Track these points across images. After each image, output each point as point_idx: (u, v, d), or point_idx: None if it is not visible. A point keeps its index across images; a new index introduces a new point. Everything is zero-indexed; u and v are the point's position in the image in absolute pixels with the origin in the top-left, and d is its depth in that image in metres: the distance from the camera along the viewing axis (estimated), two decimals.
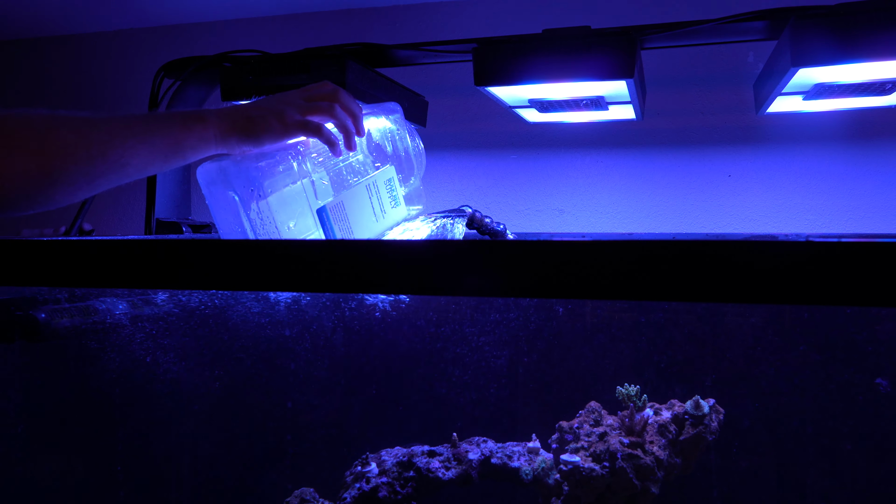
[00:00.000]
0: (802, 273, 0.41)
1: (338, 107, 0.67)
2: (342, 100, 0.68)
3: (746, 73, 1.35)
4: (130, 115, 0.60)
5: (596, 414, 1.28)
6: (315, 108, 0.66)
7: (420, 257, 0.48)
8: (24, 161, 0.54)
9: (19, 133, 0.54)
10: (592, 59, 0.90)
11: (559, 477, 1.23)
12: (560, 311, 1.38)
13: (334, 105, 0.67)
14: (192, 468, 1.58)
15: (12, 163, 0.53)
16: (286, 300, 1.48)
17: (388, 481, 1.30)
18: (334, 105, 0.67)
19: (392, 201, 0.79)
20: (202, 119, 0.62)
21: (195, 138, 0.61)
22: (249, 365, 1.53)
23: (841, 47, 0.81)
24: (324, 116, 0.67)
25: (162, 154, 0.60)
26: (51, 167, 0.55)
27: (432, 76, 1.52)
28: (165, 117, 0.62)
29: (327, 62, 1.03)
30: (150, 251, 0.53)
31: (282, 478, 1.51)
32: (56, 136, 0.55)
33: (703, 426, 1.21)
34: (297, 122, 0.64)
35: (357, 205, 0.75)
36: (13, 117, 0.55)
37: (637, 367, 1.33)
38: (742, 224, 1.40)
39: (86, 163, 0.56)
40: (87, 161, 0.56)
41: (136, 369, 1.60)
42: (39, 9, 1.65)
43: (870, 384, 1.22)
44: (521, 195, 1.52)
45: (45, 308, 0.96)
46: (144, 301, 1.18)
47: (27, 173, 0.54)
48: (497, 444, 1.33)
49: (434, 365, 1.44)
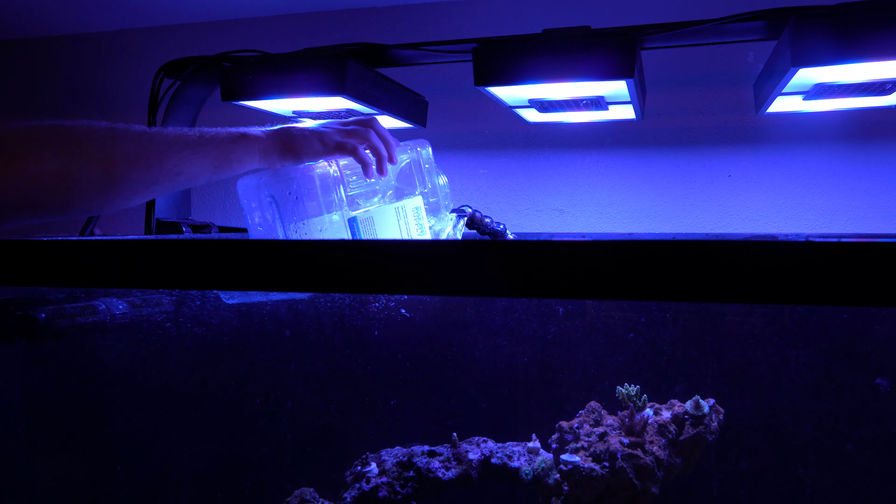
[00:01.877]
0: (802, 273, 0.41)
1: (373, 133, 0.73)
2: (377, 127, 0.75)
3: (746, 73, 1.35)
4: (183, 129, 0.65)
5: (596, 414, 1.28)
6: (353, 133, 0.73)
7: (420, 257, 0.48)
8: (90, 167, 0.58)
9: (86, 141, 0.58)
10: (592, 59, 0.90)
11: (559, 477, 1.23)
12: (560, 311, 1.38)
13: (370, 131, 0.74)
14: (191, 468, 1.58)
15: (80, 168, 0.57)
16: (286, 300, 1.48)
17: (388, 481, 1.30)
18: (370, 131, 0.74)
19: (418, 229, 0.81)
20: (249, 136, 0.68)
21: (241, 152, 0.67)
22: (249, 365, 1.53)
23: (841, 47, 0.81)
24: (360, 140, 0.73)
25: (212, 166, 0.65)
26: (114, 173, 0.59)
27: (432, 76, 1.52)
28: (216, 133, 0.67)
29: (327, 62, 1.03)
30: (149, 251, 0.53)
31: (282, 478, 1.51)
32: (119, 145, 0.60)
33: (703, 426, 1.21)
34: (336, 143, 0.71)
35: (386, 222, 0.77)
36: (80, 127, 0.59)
37: (637, 367, 1.33)
38: (742, 224, 1.40)
39: (144, 171, 0.61)
40: (146, 169, 0.61)
41: (136, 369, 1.59)
42: (39, 9, 1.65)
43: (870, 384, 1.22)
44: (521, 195, 1.52)
45: (45, 308, 0.96)
46: (144, 301, 1.18)
47: (92, 178, 0.58)
48: (497, 444, 1.33)
49: (434, 364, 1.44)
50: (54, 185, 0.57)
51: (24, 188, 0.56)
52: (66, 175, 0.57)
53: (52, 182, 0.56)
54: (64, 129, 0.58)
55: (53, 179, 0.56)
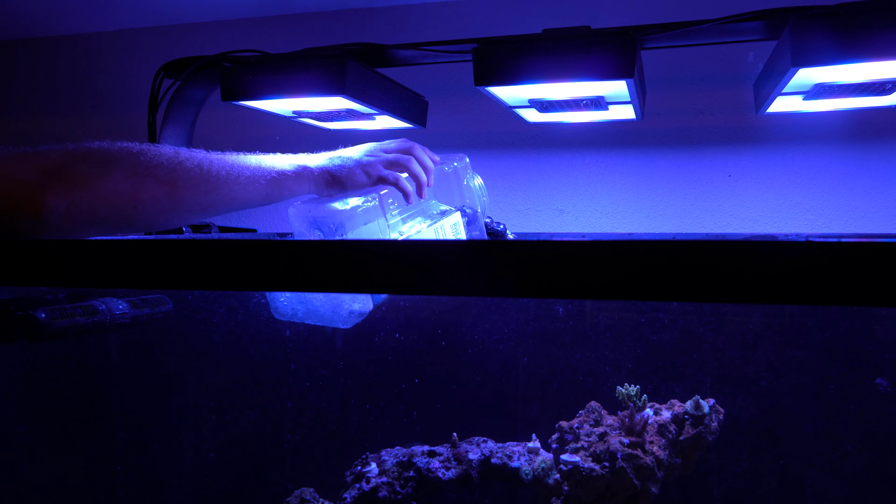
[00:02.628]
0: (802, 273, 0.41)
1: (414, 161, 0.79)
2: (417, 154, 0.81)
3: (746, 73, 1.35)
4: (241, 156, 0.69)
5: (596, 414, 1.28)
6: (395, 163, 0.78)
7: (420, 257, 0.48)
8: (155, 189, 0.62)
9: (153, 165, 0.62)
10: (592, 59, 0.90)
11: (559, 477, 1.23)
12: (560, 311, 1.38)
13: (411, 159, 0.79)
14: (192, 468, 1.58)
15: (146, 190, 0.62)
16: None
17: (388, 481, 1.30)
18: (411, 159, 0.79)
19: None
20: (303, 167, 0.72)
21: (293, 181, 0.71)
22: (249, 365, 1.53)
23: (841, 47, 0.81)
24: (401, 170, 0.78)
25: (264, 193, 0.69)
26: (176, 196, 0.63)
27: (432, 76, 1.52)
28: (272, 161, 0.71)
29: (327, 62, 1.03)
30: (149, 251, 0.53)
31: (282, 478, 1.51)
32: (182, 169, 0.64)
33: (703, 426, 1.21)
34: (379, 176, 0.76)
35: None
36: (147, 151, 0.63)
37: (637, 367, 1.33)
38: (742, 224, 1.40)
39: (203, 195, 0.65)
40: (205, 194, 0.65)
41: (136, 369, 1.60)
42: (39, 9, 1.65)
43: (870, 384, 1.22)
44: (521, 195, 1.52)
45: (45, 308, 0.96)
46: (144, 300, 1.18)
47: (156, 200, 0.62)
48: (497, 444, 1.33)
49: (434, 364, 1.44)
50: (123, 205, 0.61)
51: (98, 206, 0.59)
52: (134, 196, 0.61)
53: (121, 201, 0.60)
54: (133, 152, 0.62)
55: (123, 199, 0.61)
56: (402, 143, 0.82)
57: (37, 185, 0.57)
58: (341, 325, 0.85)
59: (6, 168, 0.58)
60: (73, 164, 0.59)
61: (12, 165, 0.58)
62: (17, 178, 0.57)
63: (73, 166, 0.59)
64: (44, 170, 0.58)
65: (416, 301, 1.43)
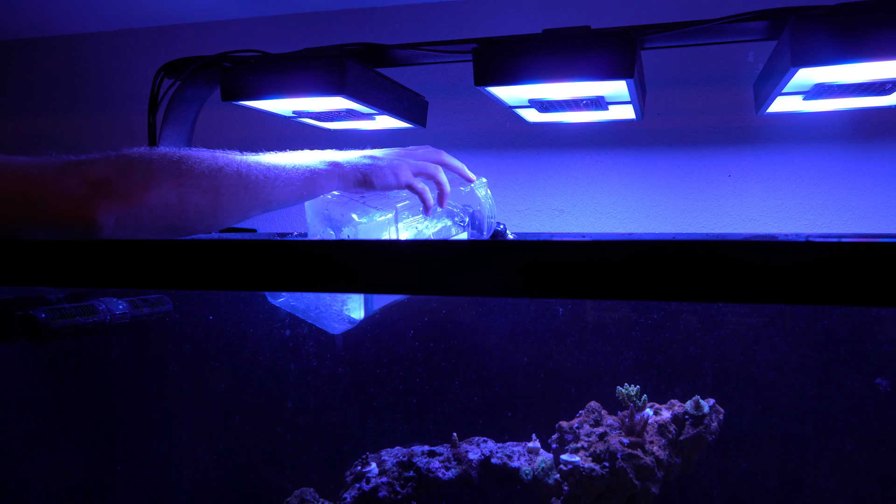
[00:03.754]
0: (802, 273, 0.41)
1: (441, 171, 0.82)
2: (445, 161, 0.84)
3: (746, 73, 1.35)
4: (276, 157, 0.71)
5: (596, 414, 1.28)
6: (425, 169, 0.80)
7: (420, 257, 0.48)
8: (197, 198, 0.64)
9: (195, 174, 0.64)
10: (592, 59, 0.90)
11: (559, 477, 1.23)
12: (560, 311, 1.38)
13: (439, 168, 0.82)
14: (192, 468, 1.58)
15: (189, 199, 0.63)
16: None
17: (388, 481, 1.30)
18: (439, 168, 0.82)
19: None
20: (335, 165, 0.74)
21: (325, 179, 0.73)
22: (249, 365, 1.53)
23: (841, 47, 0.81)
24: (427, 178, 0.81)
25: (298, 192, 0.71)
26: (218, 204, 0.65)
27: (432, 76, 1.52)
28: (305, 160, 0.73)
29: (327, 62, 1.03)
30: (149, 251, 0.53)
31: (282, 478, 1.51)
32: (223, 176, 0.65)
33: (703, 426, 1.21)
34: (407, 183, 0.78)
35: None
36: (188, 158, 0.64)
37: (637, 367, 1.33)
38: (742, 224, 1.40)
39: (243, 201, 0.67)
40: (245, 199, 0.67)
41: (136, 369, 1.59)
42: (39, 9, 1.65)
43: (870, 384, 1.22)
44: (521, 195, 1.52)
45: (45, 308, 0.96)
46: (144, 300, 1.18)
47: (199, 207, 0.64)
48: (497, 444, 1.33)
49: (434, 364, 1.44)
50: (168, 216, 0.62)
51: (144, 218, 0.61)
52: (178, 207, 0.62)
53: (166, 213, 0.62)
54: (174, 161, 0.63)
55: (168, 210, 0.62)
56: (430, 151, 0.84)
57: (85, 200, 0.58)
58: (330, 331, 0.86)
59: (56, 183, 0.59)
60: (119, 178, 0.60)
61: (61, 179, 0.59)
62: (67, 193, 0.58)
63: (119, 180, 0.60)
64: (91, 183, 0.59)
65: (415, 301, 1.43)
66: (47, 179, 0.59)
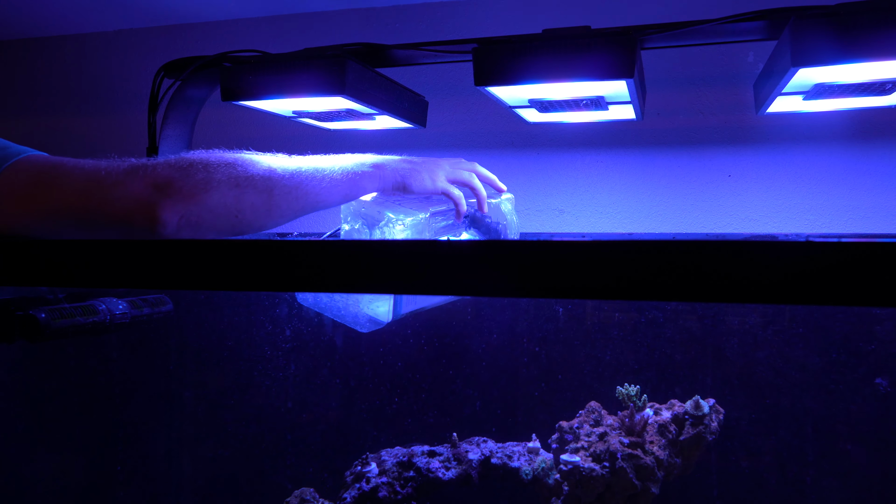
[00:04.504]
0: (802, 273, 0.41)
1: (476, 178, 0.86)
2: (479, 171, 0.88)
3: (746, 73, 1.35)
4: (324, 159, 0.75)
5: (596, 414, 1.28)
6: (460, 176, 0.85)
7: (420, 257, 0.48)
8: (253, 199, 0.67)
9: (250, 175, 0.67)
10: (592, 59, 0.90)
11: (559, 477, 1.23)
12: (560, 311, 1.38)
13: (473, 176, 0.86)
14: (192, 468, 1.58)
15: (245, 200, 0.66)
16: (287, 299, 1.48)
17: (388, 481, 1.30)
18: (473, 176, 0.86)
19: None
20: (377, 167, 0.78)
21: (368, 181, 0.77)
22: (249, 365, 1.53)
23: (841, 47, 0.81)
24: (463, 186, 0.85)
25: (343, 193, 0.75)
26: (272, 204, 0.68)
27: (432, 76, 1.52)
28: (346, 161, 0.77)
29: (327, 62, 1.03)
30: (149, 251, 0.53)
31: (282, 478, 1.51)
32: (276, 177, 0.68)
33: (703, 426, 1.21)
34: (443, 188, 0.83)
35: None
36: (242, 161, 0.68)
37: (637, 367, 1.33)
38: (742, 224, 1.40)
39: (295, 201, 0.70)
40: (296, 199, 0.70)
41: (136, 369, 1.59)
42: (39, 9, 1.65)
43: (870, 384, 1.22)
44: (521, 195, 1.52)
45: (45, 308, 0.96)
46: (144, 300, 1.18)
47: (254, 207, 0.67)
48: (497, 444, 1.33)
49: (434, 365, 1.44)
50: (226, 215, 0.65)
51: (205, 217, 0.64)
52: (236, 206, 0.66)
53: (224, 212, 0.65)
54: (230, 163, 0.67)
55: (226, 210, 0.65)
56: (464, 162, 0.89)
57: (151, 201, 0.61)
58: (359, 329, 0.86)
59: (123, 186, 0.62)
60: (181, 179, 0.63)
61: (128, 181, 0.62)
62: (134, 194, 0.62)
63: (181, 181, 0.63)
64: (156, 186, 0.62)
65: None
66: (115, 182, 0.62)
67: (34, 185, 0.62)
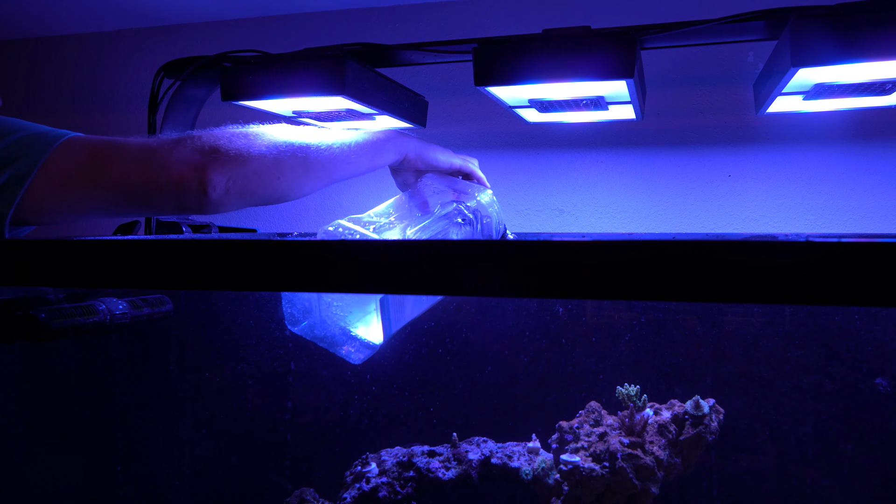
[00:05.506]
0: (802, 273, 0.41)
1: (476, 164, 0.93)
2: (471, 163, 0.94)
3: (746, 73, 1.35)
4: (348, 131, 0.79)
5: (596, 414, 1.28)
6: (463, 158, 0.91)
7: (419, 257, 0.48)
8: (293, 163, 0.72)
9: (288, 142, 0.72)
10: (592, 59, 0.90)
11: (559, 477, 1.23)
12: (560, 311, 1.38)
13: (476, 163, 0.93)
14: (192, 468, 1.58)
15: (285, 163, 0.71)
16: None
17: (388, 481, 1.30)
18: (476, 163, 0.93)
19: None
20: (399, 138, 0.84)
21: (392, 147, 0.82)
22: (249, 365, 1.53)
23: (841, 47, 0.81)
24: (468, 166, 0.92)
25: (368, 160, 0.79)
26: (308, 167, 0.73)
27: (432, 76, 1.52)
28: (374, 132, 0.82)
29: (327, 62, 1.03)
30: (149, 251, 0.53)
31: (282, 478, 1.51)
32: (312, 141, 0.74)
33: (703, 426, 1.21)
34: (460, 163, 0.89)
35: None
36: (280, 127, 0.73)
37: (637, 367, 1.33)
38: (742, 224, 1.40)
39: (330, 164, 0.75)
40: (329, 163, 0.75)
41: (136, 369, 1.60)
42: (39, 9, 1.65)
43: (870, 384, 1.22)
44: (521, 195, 1.52)
45: (45, 308, 0.96)
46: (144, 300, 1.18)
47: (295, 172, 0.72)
48: (497, 444, 1.33)
49: (434, 364, 1.44)
50: (269, 177, 0.70)
51: (250, 179, 0.69)
52: (277, 168, 0.70)
53: (266, 175, 0.70)
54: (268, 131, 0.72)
55: (269, 172, 0.70)
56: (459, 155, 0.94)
57: (200, 164, 0.66)
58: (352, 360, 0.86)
59: (172, 152, 0.66)
60: (227, 145, 0.68)
61: (176, 149, 0.67)
62: (184, 159, 0.66)
63: (226, 147, 0.68)
64: (203, 151, 0.67)
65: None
66: (168, 150, 0.67)
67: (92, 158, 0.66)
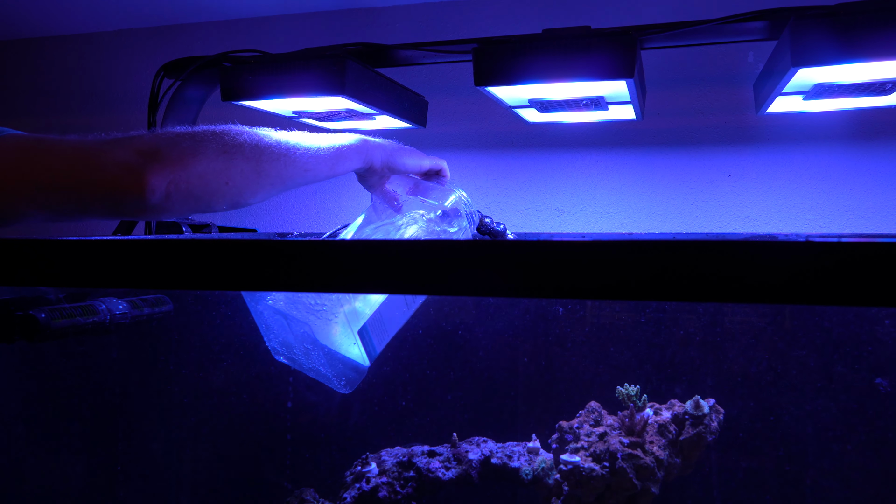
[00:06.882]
0: (802, 273, 0.41)
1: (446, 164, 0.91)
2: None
3: (746, 72, 1.35)
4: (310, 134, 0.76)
5: (596, 414, 1.28)
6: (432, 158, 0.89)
7: (419, 257, 0.48)
8: (242, 165, 0.67)
9: (238, 143, 0.67)
10: (592, 59, 0.90)
11: (559, 477, 1.23)
12: (560, 311, 1.38)
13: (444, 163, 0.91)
14: (192, 468, 1.58)
15: (235, 166, 0.67)
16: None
17: (388, 481, 1.30)
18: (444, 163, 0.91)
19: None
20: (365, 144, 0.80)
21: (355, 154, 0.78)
22: (249, 365, 1.53)
23: (841, 47, 0.81)
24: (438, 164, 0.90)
25: (331, 165, 0.76)
26: (261, 171, 0.68)
27: (432, 76, 1.52)
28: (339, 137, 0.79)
29: (327, 62, 1.03)
30: (149, 251, 0.53)
31: (282, 478, 1.51)
32: (264, 145, 0.69)
33: (703, 426, 1.21)
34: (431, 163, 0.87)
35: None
36: (229, 131, 0.68)
37: (637, 367, 1.33)
38: (742, 224, 1.40)
39: (284, 168, 0.70)
40: (285, 167, 0.70)
41: (136, 369, 1.59)
42: (39, 9, 1.65)
43: (870, 384, 1.22)
44: (521, 195, 1.52)
45: (45, 308, 0.96)
46: (144, 300, 1.18)
47: (244, 175, 0.67)
48: (497, 444, 1.33)
49: (434, 364, 1.44)
50: (216, 181, 0.65)
51: (193, 183, 0.64)
52: (225, 172, 0.66)
53: (212, 178, 0.65)
54: (217, 133, 0.68)
55: (215, 176, 0.65)
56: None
57: (138, 166, 0.61)
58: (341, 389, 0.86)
59: (108, 153, 0.62)
60: (168, 147, 0.63)
61: (112, 150, 0.62)
62: (120, 160, 0.61)
63: (168, 148, 0.63)
64: (142, 152, 0.62)
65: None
66: (101, 151, 0.62)
67: (20, 159, 0.62)
